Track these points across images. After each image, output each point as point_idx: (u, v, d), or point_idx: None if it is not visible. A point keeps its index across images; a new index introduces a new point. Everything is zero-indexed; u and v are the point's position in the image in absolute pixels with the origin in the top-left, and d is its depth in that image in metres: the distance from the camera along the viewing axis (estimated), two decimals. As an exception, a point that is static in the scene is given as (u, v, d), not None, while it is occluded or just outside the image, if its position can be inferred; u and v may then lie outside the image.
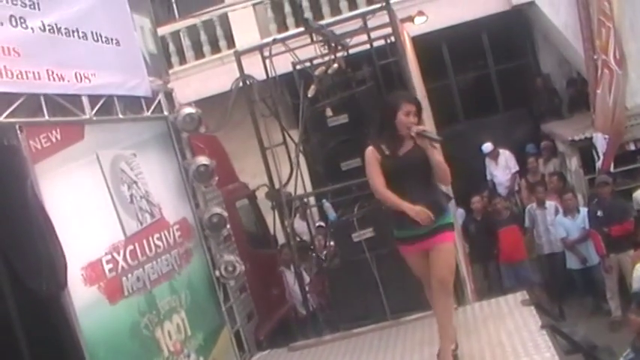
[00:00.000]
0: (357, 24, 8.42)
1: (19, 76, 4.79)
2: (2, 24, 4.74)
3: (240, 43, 13.44)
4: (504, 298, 7.03)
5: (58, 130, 5.11)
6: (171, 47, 14.22)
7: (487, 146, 13.04)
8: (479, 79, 15.76)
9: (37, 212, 4.48)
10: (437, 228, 5.25)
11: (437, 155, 5.32)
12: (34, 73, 4.95)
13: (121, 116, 6.14)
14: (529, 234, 10.78)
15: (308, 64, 8.58)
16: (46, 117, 5.06)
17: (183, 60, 14.39)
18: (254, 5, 14.18)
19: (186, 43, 14.39)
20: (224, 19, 14.23)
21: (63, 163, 5.04)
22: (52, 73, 5.17)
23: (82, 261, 4.92)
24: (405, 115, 5.27)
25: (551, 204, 10.64)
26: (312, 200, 10.58)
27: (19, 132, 4.66)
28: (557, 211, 10.54)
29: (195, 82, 13.41)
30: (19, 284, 4.44)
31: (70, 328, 4.56)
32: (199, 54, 14.43)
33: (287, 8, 14.23)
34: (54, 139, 5.05)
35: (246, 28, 13.83)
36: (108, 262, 5.22)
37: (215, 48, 14.32)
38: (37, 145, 4.85)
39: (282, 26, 14.05)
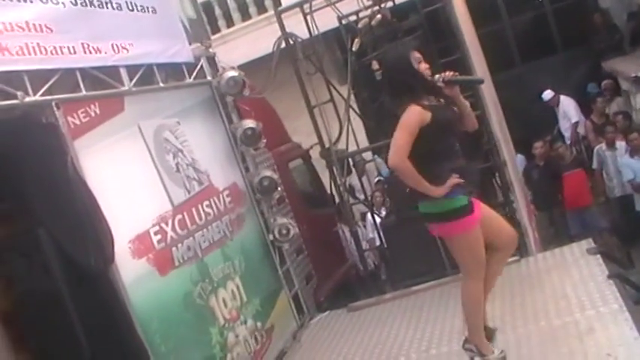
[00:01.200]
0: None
1: (53, 52, 4.74)
2: (32, 1, 4.67)
3: (287, 2, 13.27)
4: (569, 247, 6.77)
5: (97, 104, 5.05)
6: (217, 11, 14.07)
7: (547, 94, 12.48)
8: (535, 19, 15.14)
9: (80, 189, 4.45)
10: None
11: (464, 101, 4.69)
12: (68, 47, 4.89)
13: (162, 85, 6.07)
14: (597, 176, 10.36)
15: (353, 17, 8.37)
16: (84, 92, 5.00)
17: (230, 23, 14.21)
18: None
19: (232, 5, 14.21)
20: (269, -21, 14.01)
21: (103, 137, 4.99)
22: (88, 46, 5.11)
23: (130, 234, 4.89)
24: (420, 64, 4.50)
25: (621, 144, 10.15)
26: (368, 156, 10.41)
27: (55, 109, 4.61)
28: (627, 152, 10.10)
29: (243, 45, 13.25)
30: (68, 261, 4.42)
31: (120, 302, 4.53)
32: (246, 15, 14.23)
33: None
34: (93, 114, 5.00)
35: (292, -15, 13.58)
36: (156, 233, 5.17)
37: (261, 8, 14.09)
38: (75, 120, 4.80)
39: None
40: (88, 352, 4.48)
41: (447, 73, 4.53)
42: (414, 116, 4.31)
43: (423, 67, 4.50)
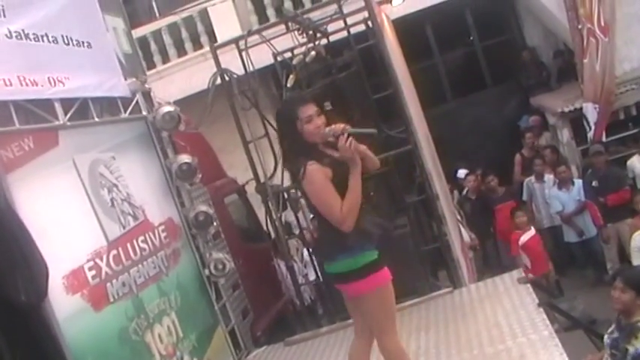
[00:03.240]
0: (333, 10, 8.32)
1: (-12, 83, 4.68)
2: (-34, 33, 4.63)
3: (222, 38, 13.34)
4: (500, 277, 6.94)
5: (31, 138, 4.99)
6: (153, 46, 14.09)
7: (461, 173, 11.91)
8: (465, 56, 15.63)
9: (12, 222, 4.36)
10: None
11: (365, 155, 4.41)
12: (4, 80, 4.83)
13: (97, 119, 6.02)
14: (527, 208, 10.67)
15: (288, 54, 8.48)
16: (17, 125, 4.94)
17: (166, 58, 14.23)
18: (233, -2, 14.05)
19: (167, 41, 14.24)
20: (204, 15, 14.08)
21: (37, 171, 4.92)
22: (24, 78, 5.06)
23: (64, 269, 4.81)
24: (309, 123, 4.25)
25: (549, 177, 10.52)
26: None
27: (-12, 142, 4.56)
28: (555, 184, 10.44)
29: (178, 80, 13.29)
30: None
31: (54, 339, 4.46)
32: (182, 51, 14.28)
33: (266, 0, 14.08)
34: (27, 147, 4.93)
35: (226, 23, 13.67)
36: (90, 268, 5.11)
37: (197, 44, 14.17)
38: (8, 154, 4.73)
39: (263, 17, 13.91)
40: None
41: (338, 126, 4.22)
42: (317, 175, 4.20)
43: (314, 125, 4.25)
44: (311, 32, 8.12)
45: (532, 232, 9.61)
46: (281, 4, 13.91)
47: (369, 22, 7.79)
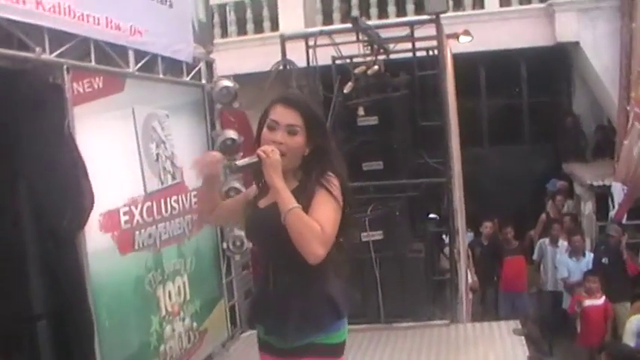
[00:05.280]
0: (403, 31, 8.52)
1: (81, 17, 4.92)
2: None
3: (284, 28, 13.61)
4: (497, 323, 7.15)
5: (101, 78, 5.23)
6: (216, 18, 14.33)
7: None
8: (510, 106, 15.79)
9: (71, 152, 4.60)
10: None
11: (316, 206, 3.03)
12: (94, 18, 5.08)
13: (161, 76, 6.26)
14: (535, 267, 10.82)
15: (347, 60, 8.68)
16: (93, 63, 5.18)
17: (225, 33, 14.49)
18: (306, -7, 14.30)
19: (231, 17, 14.50)
20: (273, 2, 14.34)
21: (100, 111, 5.16)
22: (111, 21, 5.30)
23: (102, 208, 5.01)
24: (269, 129, 3.11)
25: (563, 243, 10.68)
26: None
27: (65, 73, 4.78)
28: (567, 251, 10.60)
29: (232, 58, 13.39)
30: (40, 216, 4.56)
31: (79, 268, 4.67)
32: (242, 31, 14.53)
33: (336, 3, 14.31)
34: (96, 86, 5.16)
35: (292, 15, 13.94)
36: (125, 213, 5.33)
37: (258, 28, 14.43)
38: (79, 88, 4.96)
39: (328, 19, 14.15)
40: (37, 308, 4.61)
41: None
42: None
43: (270, 136, 3.10)
44: (376, 46, 8.36)
45: (599, 301, 9.39)
46: (348, 10, 14.16)
47: (434, 51, 8.01)
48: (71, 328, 4.58)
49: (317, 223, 2.95)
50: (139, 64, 5.83)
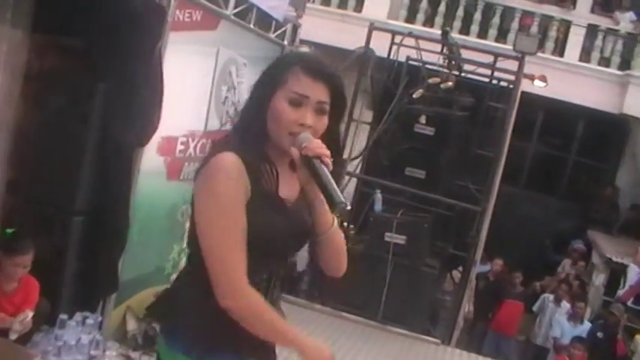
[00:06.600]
0: (482, 55, 8.63)
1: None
2: None
3: (367, 12, 13.71)
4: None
5: (200, 13, 5.41)
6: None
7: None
8: (556, 158, 15.78)
9: (156, 73, 4.77)
10: None
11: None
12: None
13: (252, 26, 6.42)
14: (531, 317, 10.91)
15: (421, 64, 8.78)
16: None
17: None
18: (399, -16, 14.32)
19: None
20: (364, -18, 14.39)
21: (192, 42, 5.36)
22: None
23: (163, 131, 5.19)
24: (292, 106, 2.24)
25: (566, 305, 10.77)
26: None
27: (173, -1, 4.96)
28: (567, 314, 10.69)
29: (306, 24, 13.56)
30: (110, 121, 4.75)
31: (128, 181, 4.87)
32: (326, 1, 14.58)
33: (424, 4, 14.33)
34: (194, 18, 5.35)
35: (379, 2, 14.01)
36: (182, 143, 5.54)
37: (343, 3, 14.47)
38: (180, 16, 5.14)
39: (411, 17, 14.19)
40: (79, 204, 4.82)
41: (320, 145, 2.22)
42: (225, 167, 2.26)
43: (297, 114, 2.23)
44: (454, 63, 8.48)
45: None
46: (433, 15, 14.20)
47: (509, 85, 8.12)
48: (105, 231, 4.77)
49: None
50: (236, 10, 5.99)
